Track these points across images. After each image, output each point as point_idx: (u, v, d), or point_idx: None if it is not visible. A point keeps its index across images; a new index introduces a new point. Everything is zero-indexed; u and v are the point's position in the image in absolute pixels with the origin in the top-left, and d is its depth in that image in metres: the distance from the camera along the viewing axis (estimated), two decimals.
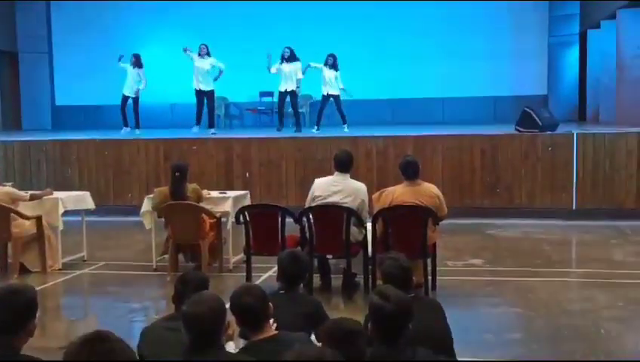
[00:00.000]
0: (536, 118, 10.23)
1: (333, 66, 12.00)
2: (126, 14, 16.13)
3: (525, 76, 15.04)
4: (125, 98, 12.86)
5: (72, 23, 16.43)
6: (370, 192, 6.38)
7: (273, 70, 12.00)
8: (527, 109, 10.41)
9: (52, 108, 16.84)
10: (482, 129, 11.38)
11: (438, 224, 6.21)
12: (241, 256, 6.92)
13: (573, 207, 9.88)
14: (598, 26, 13.75)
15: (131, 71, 12.76)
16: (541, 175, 9.96)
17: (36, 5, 16.57)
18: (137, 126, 12.89)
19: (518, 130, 10.33)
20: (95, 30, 16.07)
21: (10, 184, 8.08)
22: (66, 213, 7.74)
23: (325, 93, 12.15)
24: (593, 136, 9.98)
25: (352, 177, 6.39)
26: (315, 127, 12.18)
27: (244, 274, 6.45)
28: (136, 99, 12.84)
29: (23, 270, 7.34)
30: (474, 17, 15.00)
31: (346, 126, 12.20)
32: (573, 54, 15.09)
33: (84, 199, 8.13)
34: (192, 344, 2.75)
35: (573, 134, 9.99)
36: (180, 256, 7.37)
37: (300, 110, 13.43)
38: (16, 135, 13.46)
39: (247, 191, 8.26)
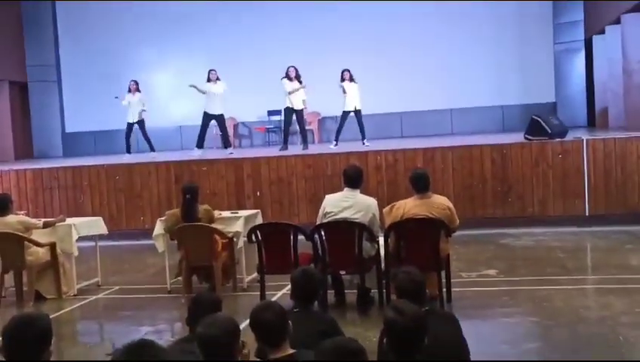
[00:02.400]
0: (545, 126, 10.21)
1: (352, 80, 11.91)
2: (133, 40, 16.31)
3: (532, 84, 15.05)
4: (130, 125, 12.96)
5: (79, 51, 16.62)
6: (380, 206, 6.37)
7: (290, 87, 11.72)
8: (536, 117, 10.39)
9: (62, 135, 16.99)
10: (491, 138, 11.37)
11: (450, 236, 6.19)
12: (255, 275, 6.93)
13: (587, 214, 9.83)
14: (602, 32, 13.74)
15: (131, 98, 12.85)
16: (552, 182, 9.92)
17: (45, 35, 16.76)
18: (152, 149, 12.98)
19: (528, 139, 10.31)
20: (103, 57, 16.23)
21: (23, 212, 8.14)
22: (80, 238, 7.78)
23: (353, 108, 11.97)
24: (603, 142, 9.95)
25: (362, 192, 6.39)
26: (334, 143, 12.08)
27: (259, 293, 6.46)
28: (141, 124, 12.93)
29: (39, 297, 7.38)
30: (479, 28, 15.05)
31: (365, 140, 11.97)
32: (579, 61, 15.08)
33: (97, 224, 8.18)
34: None
35: (583, 140, 9.96)
36: (194, 277, 7.39)
37: (309, 128, 13.40)
38: (28, 163, 13.57)
39: (258, 211, 8.25)
